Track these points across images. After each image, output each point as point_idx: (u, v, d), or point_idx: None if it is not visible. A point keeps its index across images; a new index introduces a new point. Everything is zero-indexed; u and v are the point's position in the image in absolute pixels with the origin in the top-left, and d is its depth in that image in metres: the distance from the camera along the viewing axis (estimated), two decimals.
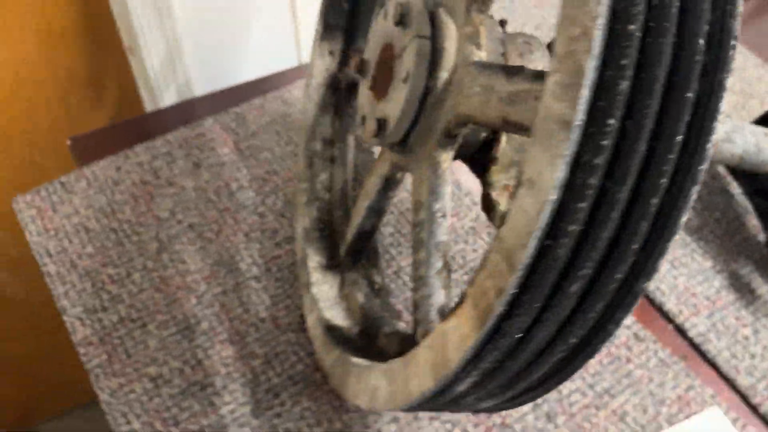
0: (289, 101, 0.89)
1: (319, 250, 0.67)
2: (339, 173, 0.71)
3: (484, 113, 0.42)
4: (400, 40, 0.48)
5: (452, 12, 0.47)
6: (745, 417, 0.62)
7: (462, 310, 0.35)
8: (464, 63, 0.45)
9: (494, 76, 0.41)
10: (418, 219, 0.49)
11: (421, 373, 0.39)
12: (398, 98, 0.47)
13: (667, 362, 0.66)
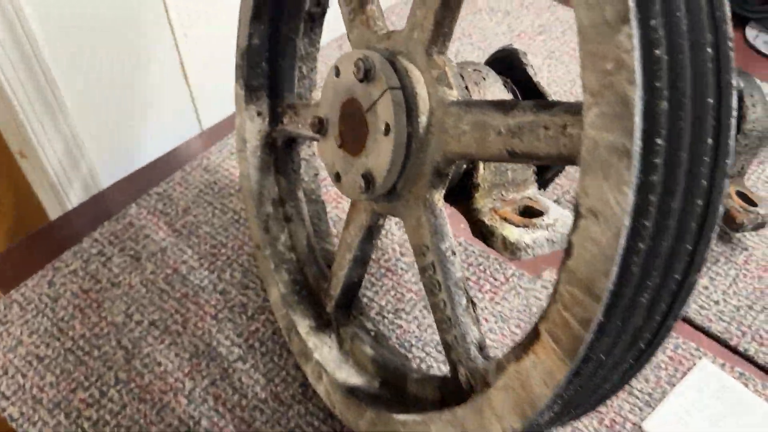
0: (210, 168, 0.86)
1: (305, 313, 0.65)
2: (299, 230, 0.70)
3: (483, 148, 0.43)
4: (366, 94, 0.48)
5: (412, 58, 0.48)
6: (730, 360, 0.68)
7: (539, 346, 0.36)
8: (440, 104, 0.46)
9: (486, 113, 0.42)
10: (427, 262, 0.49)
11: (503, 414, 0.39)
12: (383, 150, 0.47)
13: None
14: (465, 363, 0.47)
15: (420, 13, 0.47)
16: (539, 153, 0.39)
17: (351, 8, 0.55)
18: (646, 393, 0.65)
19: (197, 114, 0.97)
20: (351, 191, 0.52)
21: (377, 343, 0.61)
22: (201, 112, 0.97)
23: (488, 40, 1.06)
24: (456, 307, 0.48)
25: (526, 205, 0.54)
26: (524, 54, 0.57)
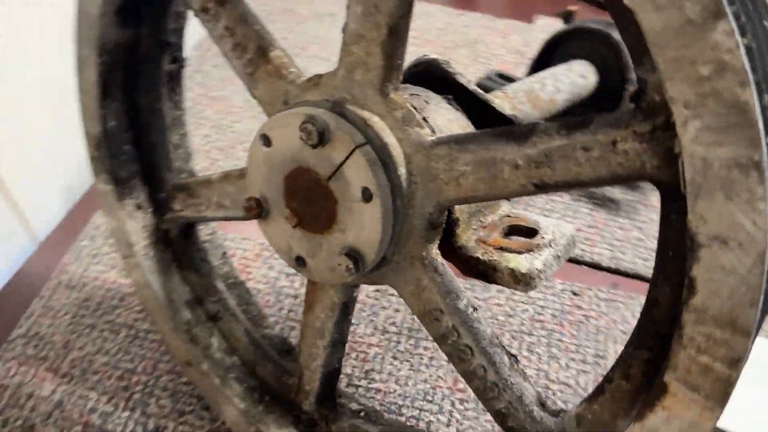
0: (74, 283, 0.70)
1: (280, 421, 0.54)
2: (233, 326, 0.58)
3: (496, 187, 0.37)
4: (322, 159, 0.39)
5: (362, 104, 0.40)
6: None
7: (671, 400, 0.31)
8: (418, 149, 0.39)
9: (491, 147, 0.36)
10: (444, 328, 0.42)
11: None
12: (367, 220, 0.39)
13: (615, 298, 0.69)
14: (532, 428, 0.41)
15: (358, 50, 0.39)
16: (583, 179, 0.34)
17: (247, 59, 0.45)
18: None
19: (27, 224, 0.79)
20: (328, 275, 0.43)
21: (383, 423, 0.53)
22: (31, 220, 0.79)
23: (330, 48, 0.99)
24: (500, 369, 0.41)
25: (511, 225, 0.48)
26: (446, 62, 0.51)
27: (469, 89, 0.51)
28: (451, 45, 1.00)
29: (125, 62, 0.53)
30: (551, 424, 0.40)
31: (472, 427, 0.60)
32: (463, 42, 1.00)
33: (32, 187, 0.78)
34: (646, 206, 0.78)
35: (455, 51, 0.99)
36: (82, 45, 0.51)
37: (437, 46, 1.00)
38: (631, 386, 0.36)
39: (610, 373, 0.37)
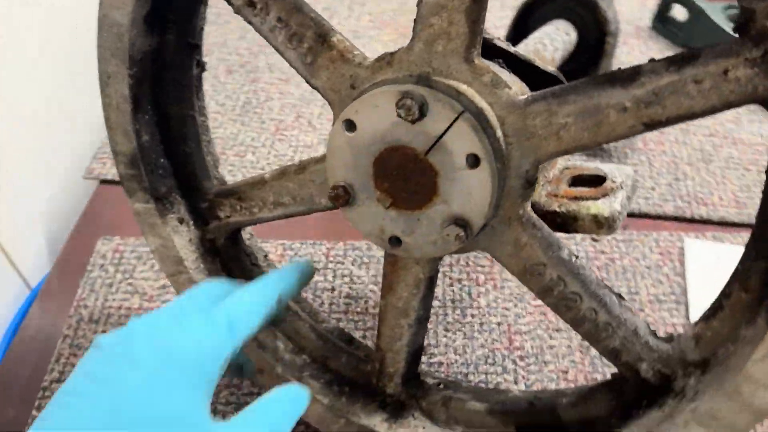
0: (97, 317, 0.66)
1: (368, 408, 0.54)
2: (297, 325, 0.57)
3: (601, 133, 0.38)
4: (419, 134, 0.40)
5: (448, 74, 0.40)
6: (695, 229, 0.74)
7: None
8: (511, 109, 0.40)
9: (594, 94, 0.37)
10: (549, 280, 0.44)
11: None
12: (475, 186, 0.39)
13: (631, 238, 0.73)
14: (649, 358, 0.43)
15: (439, 21, 0.39)
16: (695, 111, 0.36)
17: (306, 48, 0.44)
18: (670, 294, 0.68)
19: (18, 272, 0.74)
20: (430, 248, 0.43)
21: (466, 392, 0.54)
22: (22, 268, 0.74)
23: None
24: (611, 308, 0.43)
25: (574, 176, 0.50)
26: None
27: (510, 51, 0.52)
28: (410, 24, 1.01)
29: (152, 71, 0.51)
30: (668, 349, 0.43)
31: (538, 380, 0.62)
32: None
33: (18, 231, 0.74)
34: (633, 150, 0.83)
35: None
36: (108, 59, 0.49)
37: (397, 27, 1.00)
38: (752, 297, 0.39)
39: (727, 288, 0.40)
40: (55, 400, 0.35)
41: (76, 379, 0.35)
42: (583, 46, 0.79)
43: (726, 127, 0.87)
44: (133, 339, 0.36)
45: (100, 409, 0.33)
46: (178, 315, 0.38)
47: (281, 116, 0.87)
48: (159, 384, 0.34)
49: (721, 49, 0.34)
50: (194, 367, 0.35)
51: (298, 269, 0.44)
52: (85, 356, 0.36)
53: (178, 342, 0.36)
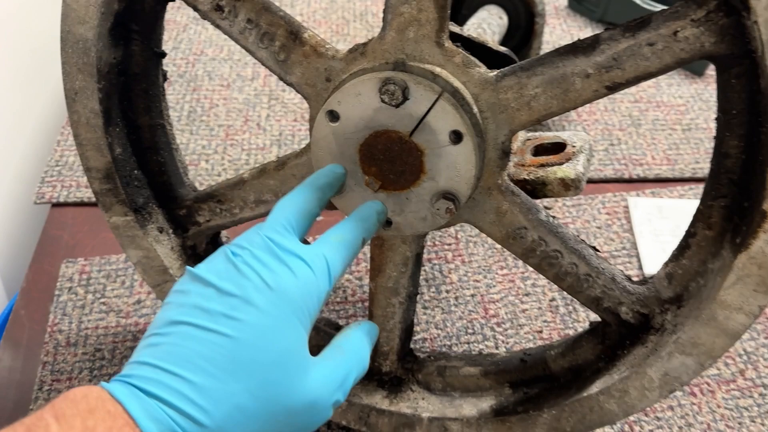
0: (74, 341, 0.65)
1: (365, 389, 0.56)
2: None
3: (569, 99, 0.42)
4: (402, 117, 0.42)
5: (421, 58, 0.43)
6: (635, 187, 0.80)
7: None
8: (484, 86, 0.43)
9: (560, 64, 0.41)
10: (530, 242, 0.47)
11: (743, 303, 0.41)
12: (460, 160, 0.42)
13: (579, 202, 0.78)
14: (627, 301, 0.47)
15: (409, 9, 0.42)
16: (651, 71, 0.40)
17: (278, 46, 0.46)
18: (621, 248, 0.73)
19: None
20: (420, 224, 0.45)
21: (459, 359, 0.57)
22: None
23: (226, 47, 0.97)
24: (589, 260, 0.47)
25: (536, 145, 0.54)
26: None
27: (465, 35, 0.56)
28: (343, 21, 1.03)
29: (120, 84, 0.51)
30: (644, 291, 0.47)
31: (516, 342, 0.65)
32: (352, 16, 1.04)
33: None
34: (569, 122, 0.88)
35: (349, 26, 1.02)
36: (75, 75, 0.48)
37: (330, 25, 1.02)
38: (715, 232, 0.43)
39: (692, 227, 0.45)
40: (165, 329, 0.35)
41: (188, 311, 0.35)
42: (515, 28, 0.83)
43: (649, 93, 0.94)
44: (241, 276, 0.36)
45: (220, 346, 0.34)
46: (275, 252, 0.38)
47: (229, 121, 0.88)
48: (272, 324, 0.35)
49: (670, 12, 0.39)
50: (302, 307, 0.37)
51: (376, 211, 0.44)
52: (188, 288, 0.37)
53: (287, 283, 0.36)
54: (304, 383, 0.36)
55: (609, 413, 0.48)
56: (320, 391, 0.37)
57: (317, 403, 0.37)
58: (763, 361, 0.65)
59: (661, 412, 0.61)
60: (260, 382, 0.34)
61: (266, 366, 0.35)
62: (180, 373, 0.33)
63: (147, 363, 0.34)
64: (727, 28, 0.37)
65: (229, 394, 0.34)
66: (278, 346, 0.35)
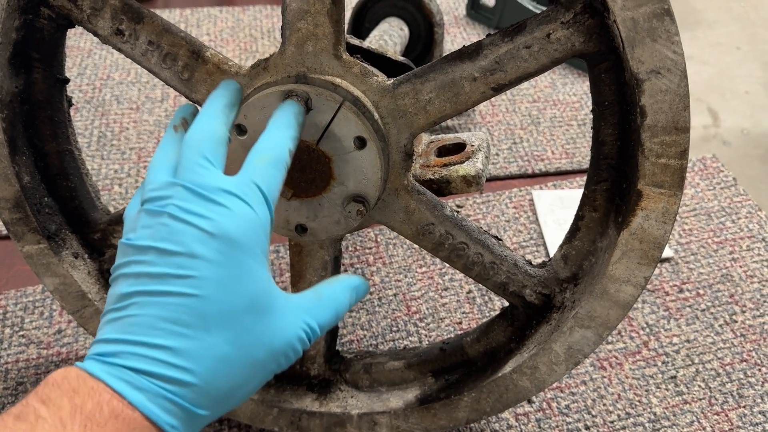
0: None
1: (295, 394, 0.58)
2: None
3: (460, 102, 0.45)
4: (308, 127, 0.44)
5: (321, 71, 0.45)
6: (538, 181, 0.85)
7: (646, 201, 0.43)
8: (383, 94, 0.45)
9: (449, 69, 0.44)
10: (439, 236, 0.50)
11: (630, 275, 0.45)
12: (367, 164, 0.45)
13: (488, 199, 0.82)
14: (530, 284, 0.51)
15: (305, 24, 0.44)
16: (530, 71, 0.44)
17: (181, 66, 0.47)
18: (529, 238, 0.78)
19: None
20: (334, 228, 0.48)
21: (383, 355, 0.59)
22: None
23: (132, 70, 0.96)
24: (493, 248, 0.51)
25: (439, 147, 0.57)
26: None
27: (364, 47, 0.58)
28: (250, 38, 1.04)
29: (24, 112, 0.51)
30: (543, 273, 0.51)
31: (438, 335, 0.68)
32: (260, 33, 1.05)
33: None
34: (474, 124, 0.93)
35: (257, 43, 1.03)
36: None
37: (238, 43, 1.03)
38: (600, 214, 0.48)
39: (580, 211, 0.49)
40: (118, 303, 0.34)
41: (135, 280, 0.34)
42: (416, 38, 0.87)
43: (545, 92, 1.00)
44: (176, 232, 0.34)
45: (179, 306, 0.33)
46: (202, 194, 0.35)
47: (140, 144, 0.87)
48: (228, 272, 0.34)
49: (542, 16, 0.43)
50: (252, 246, 0.35)
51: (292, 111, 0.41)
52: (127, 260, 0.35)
53: (227, 225, 0.34)
54: (281, 321, 0.35)
55: (523, 390, 0.51)
56: (300, 327, 0.36)
57: (297, 340, 0.36)
58: (663, 331, 0.71)
59: (575, 387, 0.66)
60: (236, 329, 0.34)
61: (237, 313, 0.34)
62: (148, 341, 0.32)
63: (112, 339, 0.33)
64: (593, 28, 0.42)
65: (207, 348, 0.33)
66: (243, 292, 0.34)
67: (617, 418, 0.64)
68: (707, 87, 1.79)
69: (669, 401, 0.65)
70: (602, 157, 0.46)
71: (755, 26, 2.01)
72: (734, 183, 0.87)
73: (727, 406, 0.65)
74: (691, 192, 0.85)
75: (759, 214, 0.83)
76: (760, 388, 0.66)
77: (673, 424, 0.63)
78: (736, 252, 0.78)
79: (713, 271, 0.76)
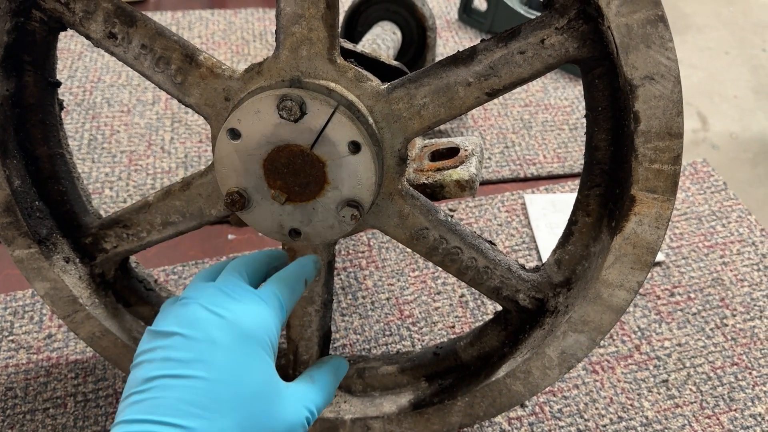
0: None
1: None
2: None
3: (455, 107, 0.45)
4: (302, 131, 0.44)
5: (316, 75, 0.45)
6: (530, 185, 0.85)
7: (639, 206, 0.43)
8: (377, 98, 0.45)
9: (443, 75, 0.44)
10: (432, 241, 0.50)
11: (623, 280, 0.45)
12: (361, 168, 0.45)
13: (481, 203, 0.82)
14: (524, 288, 0.51)
15: (300, 29, 0.44)
16: (524, 77, 0.44)
17: (174, 70, 0.47)
18: (521, 242, 0.78)
19: None
20: (328, 233, 0.48)
21: (376, 360, 0.59)
22: None
23: (123, 73, 0.96)
24: (487, 253, 0.51)
25: (432, 151, 0.57)
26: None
27: (358, 51, 0.58)
28: (242, 41, 1.04)
29: (14, 115, 0.50)
30: (537, 278, 0.51)
31: (431, 339, 0.68)
32: (252, 36, 1.05)
33: None
34: (467, 128, 0.93)
35: (249, 45, 1.03)
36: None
37: (230, 46, 1.03)
38: (593, 219, 0.48)
39: (573, 216, 0.49)
40: (142, 386, 0.36)
41: (161, 364, 0.37)
42: (409, 42, 0.87)
43: (537, 97, 1.00)
44: (200, 320, 0.38)
45: (199, 389, 0.36)
46: (228, 293, 0.40)
47: (132, 147, 0.87)
48: (242, 359, 0.38)
49: (537, 22, 0.43)
50: (263, 338, 0.39)
51: (312, 260, 0.49)
52: (152, 345, 0.38)
53: (245, 317, 0.39)
54: (283, 408, 0.39)
55: (516, 394, 0.51)
56: (299, 415, 0.40)
57: (296, 426, 0.40)
58: (655, 335, 0.71)
59: (568, 391, 0.66)
60: (245, 414, 0.37)
61: (247, 398, 0.37)
62: (169, 421, 0.35)
63: (135, 420, 0.35)
64: (587, 34, 0.42)
65: (222, 429, 0.36)
66: (253, 378, 0.38)
67: (609, 422, 0.64)
68: (696, 91, 1.80)
69: (661, 405, 0.66)
70: (595, 163, 0.46)
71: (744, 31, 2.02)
72: (724, 187, 0.87)
73: (719, 409, 0.65)
74: (682, 196, 0.86)
75: (749, 218, 0.83)
76: (750, 391, 0.67)
77: (665, 427, 0.64)
78: (726, 256, 0.79)
79: (704, 275, 0.77)
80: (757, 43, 1.97)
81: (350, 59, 0.55)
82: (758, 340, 0.71)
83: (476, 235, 0.51)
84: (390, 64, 0.58)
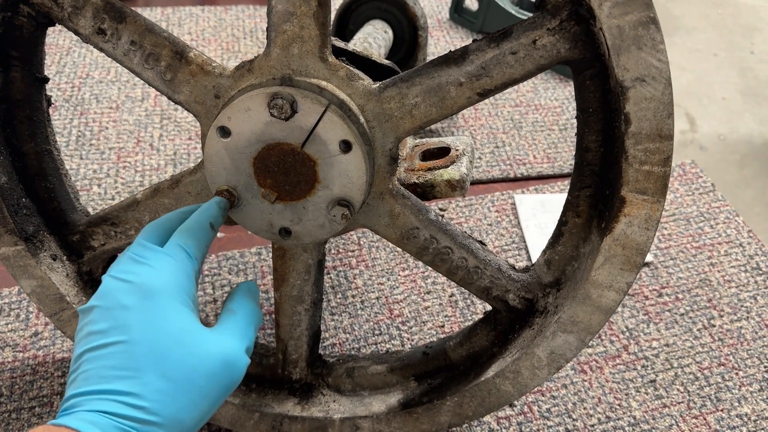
0: None
1: (278, 396, 0.57)
2: None
3: (446, 106, 0.45)
4: (293, 130, 0.44)
5: (307, 73, 0.45)
6: (520, 185, 0.85)
7: (629, 207, 0.43)
8: (368, 97, 0.45)
9: (435, 74, 0.44)
10: (423, 240, 0.50)
11: (612, 281, 0.45)
12: (352, 168, 0.44)
13: (471, 203, 0.82)
14: (513, 288, 0.51)
15: (291, 27, 0.44)
16: (516, 77, 0.44)
17: (164, 66, 0.47)
18: (510, 242, 0.78)
19: None
20: (318, 232, 0.47)
21: (366, 359, 0.59)
22: None
23: (112, 68, 0.95)
24: (477, 253, 0.51)
25: (423, 151, 0.57)
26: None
27: (350, 50, 0.58)
28: (233, 38, 1.03)
29: (0, 111, 0.49)
30: (527, 278, 0.51)
31: (421, 339, 0.68)
32: (242, 33, 1.04)
33: None
34: (458, 128, 0.93)
35: (239, 43, 1.02)
36: None
37: (220, 42, 1.02)
38: (583, 219, 0.48)
39: (563, 216, 0.49)
40: (74, 365, 0.39)
41: (85, 340, 0.39)
42: (400, 41, 0.87)
43: (527, 97, 1.00)
44: (111, 289, 0.40)
45: (119, 353, 0.38)
46: (134, 258, 0.41)
47: (120, 144, 0.86)
48: (153, 316, 0.39)
49: (529, 23, 0.43)
50: (174, 290, 0.40)
51: (215, 202, 0.47)
52: (80, 325, 0.40)
53: (153, 279, 0.40)
54: (208, 347, 0.40)
55: (506, 394, 0.52)
56: (228, 346, 0.41)
57: (230, 357, 0.40)
58: (643, 336, 0.72)
59: (557, 391, 0.66)
60: (167, 363, 0.38)
61: (165, 350, 0.38)
62: (99, 389, 0.37)
63: (70, 396, 0.38)
64: (579, 35, 0.42)
65: (147, 383, 0.38)
66: (168, 329, 0.39)
67: (597, 421, 0.64)
68: (685, 92, 1.81)
69: (648, 405, 0.66)
70: (586, 164, 0.46)
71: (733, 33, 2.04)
72: (712, 189, 0.88)
73: (705, 409, 0.66)
74: (671, 197, 0.86)
75: (737, 220, 0.84)
76: (737, 391, 0.67)
77: (652, 427, 0.64)
78: (714, 257, 0.79)
79: (692, 276, 0.77)
80: (745, 45, 1.98)
81: (342, 58, 0.55)
82: (745, 341, 0.71)
83: (467, 235, 0.51)
84: (381, 63, 0.58)
